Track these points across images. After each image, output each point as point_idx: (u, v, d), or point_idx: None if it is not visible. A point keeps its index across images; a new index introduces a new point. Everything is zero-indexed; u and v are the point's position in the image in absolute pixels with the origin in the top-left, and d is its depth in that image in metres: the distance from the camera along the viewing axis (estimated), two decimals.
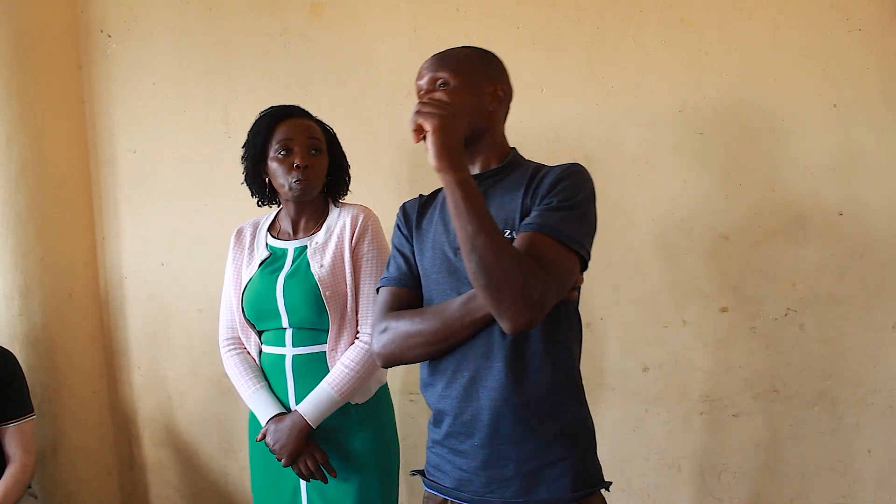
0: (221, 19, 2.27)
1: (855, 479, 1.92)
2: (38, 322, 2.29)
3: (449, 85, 1.28)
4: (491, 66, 1.34)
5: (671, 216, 1.96)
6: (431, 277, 1.30)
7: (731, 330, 1.95)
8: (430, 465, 1.35)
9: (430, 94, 1.29)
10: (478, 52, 1.34)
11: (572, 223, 1.20)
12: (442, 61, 1.31)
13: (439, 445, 1.32)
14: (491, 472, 1.25)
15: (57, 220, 2.34)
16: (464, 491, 1.28)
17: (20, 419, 1.97)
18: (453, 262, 1.27)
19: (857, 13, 1.80)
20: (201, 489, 2.47)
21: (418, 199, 1.42)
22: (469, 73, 1.29)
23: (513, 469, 1.24)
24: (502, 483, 1.24)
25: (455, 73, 1.28)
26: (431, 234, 1.33)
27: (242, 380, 1.70)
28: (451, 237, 1.28)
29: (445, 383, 1.28)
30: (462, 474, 1.28)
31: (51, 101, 2.32)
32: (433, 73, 1.30)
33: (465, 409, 1.26)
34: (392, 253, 1.41)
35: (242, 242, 1.78)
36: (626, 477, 2.07)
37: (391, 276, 1.37)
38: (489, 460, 1.25)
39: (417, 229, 1.37)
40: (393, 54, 2.13)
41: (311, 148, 1.67)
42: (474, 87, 1.29)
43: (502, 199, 1.28)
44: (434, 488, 1.33)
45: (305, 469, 1.61)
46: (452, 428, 1.28)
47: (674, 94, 1.93)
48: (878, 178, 1.84)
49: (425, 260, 1.32)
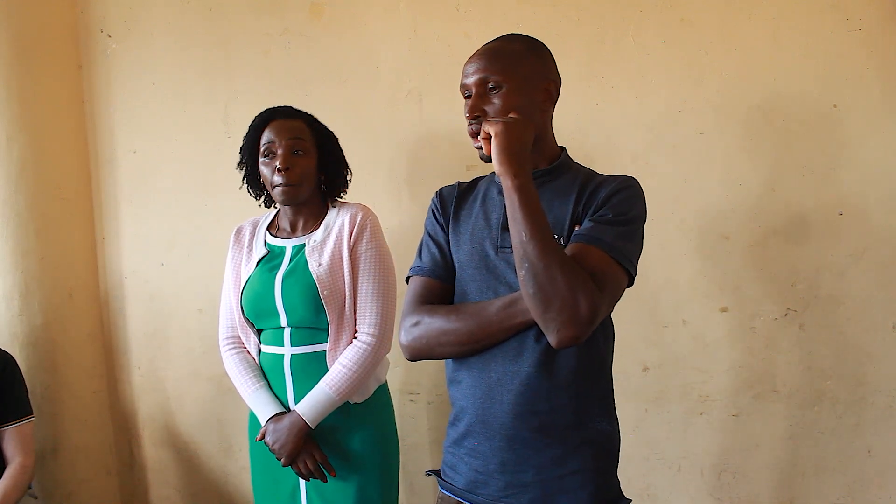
0: (221, 19, 2.27)
1: (855, 479, 1.92)
2: (38, 322, 2.29)
3: (501, 88, 1.20)
4: (542, 61, 1.25)
5: (671, 216, 1.96)
6: (468, 272, 1.26)
7: (731, 330, 1.95)
8: (447, 464, 1.33)
9: (483, 98, 1.21)
10: (528, 45, 1.25)
11: (625, 239, 1.18)
12: (492, 60, 1.22)
13: (457, 445, 1.29)
14: (509, 476, 1.22)
15: (57, 220, 2.34)
16: (477, 493, 1.25)
17: (19, 420, 1.97)
18: (493, 259, 1.23)
19: (857, 13, 1.80)
20: (201, 489, 2.47)
21: (456, 186, 1.36)
22: (522, 75, 1.21)
23: (531, 475, 1.21)
24: (519, 489, 1.22)
25: (507, 76, 1.20)
26: (471, 227, 1.29)
27: (242, 379, 1.70)
28: (495, 234, 1.24)
29: (471, 381, 1.24)
30: (477, 476, 1.25)
31: (51, 101, 2.32)
32: (483, 75, 1.21)
33: (488, 410, 1.22)
34: (425, 240, 1.35)
35: (241, 241, 1.78)
36: (626, 477, 2.05)
37: (424, 265, 1.32)
38: (507, 464, 1.22)
39: (455, 218, 1.32)
40: (393, 54, 2.13)
41: (293, 149, 1.66)
42: (528, 88, 1.21)
43: (551, 202, 1.24)
44: (448, 489, 1.31)
45: (305, 468, 1.61)
46: (472, 427, 1.25)
47: (674, 94, 1.93)
48: (878, 178, 1.84)
49: (462, 252, 1.28)
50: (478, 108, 1.21)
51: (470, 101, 1.23)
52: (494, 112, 1.21)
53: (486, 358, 1.22)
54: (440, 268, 1.30)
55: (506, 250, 1.22)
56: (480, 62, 1.22)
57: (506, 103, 1.20)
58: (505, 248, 1.22)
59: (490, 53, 1.23)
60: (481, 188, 1.34)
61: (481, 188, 1.34)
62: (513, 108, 1.19)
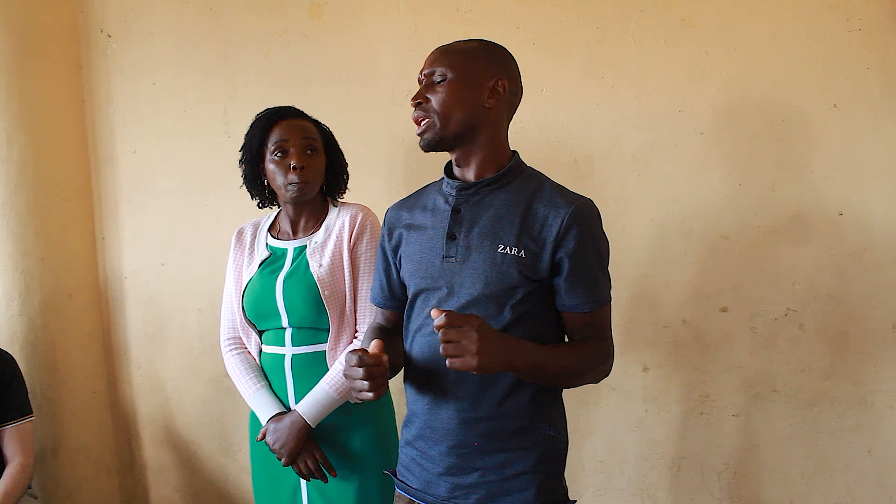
0: (221, 19, 2.27)
1: (855, 479, 1.92)
2: (38, 322, 2.28)
3: (446, 78, 1.24)
4: (495, 61, 1.28)
5: (671, 216, 1.96)
6: (415, 281, 1.31)
7: (731, 330, 1.95)
8: (402, 464, 1.37)
9: (429, 88, 1.26)
10: (484, 45, 1.29)
11: (607, 279, 1.30)
12: (443, 54, 1.27)
13: (409, 446, 1.34)
14: (455, 478, 1.26)
15: (57, 220, 2.34)
16: (429, 493, 1.30)
17: (19, 420, 1.96)
18: (437, 269, 1.27)
19: (857, 13, 1.80)
20: (201, 489, 2.47)
21: (402, 205, 1.40)
22: (468, 67, 1.24)
23: (476, 477, 1.25)
24: (465, 489, 1.26)
25: (453, 67, 1.24)
26: (422, 238, 1.31)
27: (243, 379, 1.70)
28: (440, 244, 1.28)
29: (421, 387, 1.30)
30: (429, 476, 1.29)
31: (51, 101, 2.32)
32: (431, 68, 1.26)
33: (436, 415, 1.27)
34: (376, 263, 1.46)
35: (243, 243, 1.78)
36: (627, 477, 2.07)
37: (375, 296, 1.47)
38: (453, 467, 1.26)
39: (407, 236, 1.35)
40: (393, 54, 2.13)
41: (307, 148, 1.67)
42: (472, 80, 1.24)
43: (499, 212, 1.25)
44: (403, 489, 1.35)
45: (305, 468, 1.61)
46: (422, 431, 1.30)
47: (674, 94, 1.93)
48: (878, 178, 1.84)
49: (412, 263, 1.32)
50: (421, 95, 1.26)
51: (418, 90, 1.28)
52: (435, 100, 1.24)
53: (436, 363, 1.25)
54: (387, 298, 1.43)
55: (450, 259, 1.26)
56: (433, 56, 1.28)
57: (448, 92, 1.23)
58: (449, 257, 1.26)
59: (444, 48, 1.29)
60: (430, 198, 1.36)
61: (430, 198, 1.36)
62: (454, 98, 1.23)
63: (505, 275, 1.21)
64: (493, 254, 1.22)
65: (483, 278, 1.22)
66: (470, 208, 1.27)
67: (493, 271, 1.22)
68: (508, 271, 1.21)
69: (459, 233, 1.26)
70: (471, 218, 1.26)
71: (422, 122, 1.25)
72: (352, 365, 1.17)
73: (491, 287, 1.21)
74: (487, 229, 1.24)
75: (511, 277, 1.21)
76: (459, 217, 1.27)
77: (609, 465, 2.09)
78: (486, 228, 1.24)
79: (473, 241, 1.24)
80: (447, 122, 1.23)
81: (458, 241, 1.25)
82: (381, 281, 1.44)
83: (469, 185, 1.27)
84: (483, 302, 1.22)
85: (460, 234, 1.26)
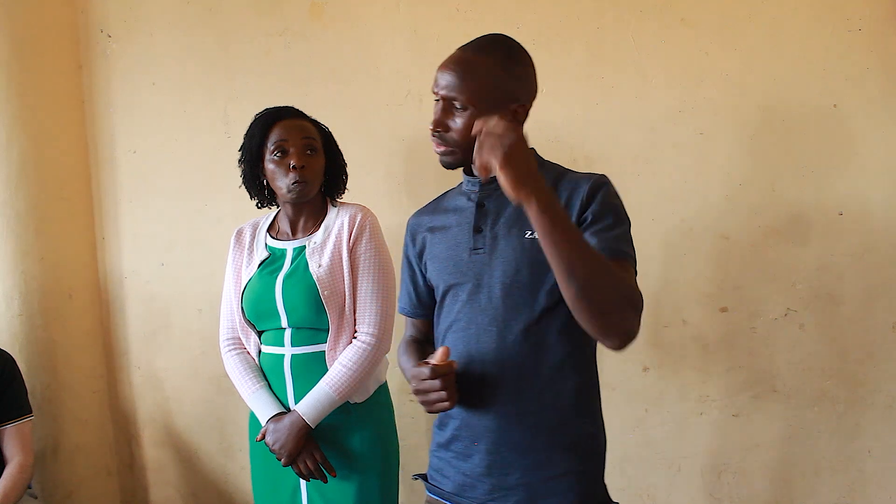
0: (221, 19, 2.27)
1: (855, 479, 1.92)
2: (38, 322, 2.28)
3: (467, 110, 1.21)
4: (514, 81, 1.24)
5: (671, 216, 1.96)
6: (443, 278, 1.31)
7: (731, 330, 1.95)
8: (433, 468, 1.34)
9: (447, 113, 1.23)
10: (502, 59, 1.24)
11: (629, 239, 1.24)
12: (463, 79, 1.21)
13: (443, 449, 1.31)
14: (495, 479, 1.23)
15: (57, 220, 2.33)
16: (465, 497, 1.27)
17: (18, 420, 1.96)
18: (465, 262, 1.27)
19: (857, 13, 1.80)
20: (201, 489, 2.47)
21: (424, 212, 1.42)
22: (488, 97, 1.21)
23: (517, 478, 1.22)
24: (506, 491, 1.23)
25: (472, 97, 1.20)
26: (448, 238, 1.31)
27: (243, 380, 1.70)
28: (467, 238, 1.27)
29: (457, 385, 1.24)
30: (465, 479, 1.26)
31: (51, 101, 2.32)
32: (450, 93, 1.22)
33: (473, 413, 1.24)
34: (402, 272, 1.46)
35: (242, 243, 1.78)
36: (627, 477, 2.07)
37: (404, 307, 1.46)
38: (493, 467, 1.23)
39: (431, 241, 1.35)
40: (393, 54, 2.13)
41: (306, 148, 1.67)
42: (492, 110, 1.19)
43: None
44: (436, 493, 1.32)
45: (305, 468, 1.61)
46: (458, 432, 1.27)
47: (674, 94, 1.93)
48: (878, 178, 1.84)
49: (438, 262, 1.32)
50: (441, 123, 1.24)
51: (436, 114, 1.25)
52: (456, 131, 1.23)
53: (470, 363, 1.24)
54: (416, 306, 1.43)
55: (478, 251, 1.25)
56: (451, 76, 1.22)
57: (468, 126, 1.20)
58: (477, 249, 1.26)
59: (462, 69, 1.22)
60: (451, 200, 1.37)
61: (451, 200, 1.37)
62: (471, 131, 1.17)
63: (535, 260, 1.19)
64: (522, 241, 1.22)
65: (514, 265, 1.21)
66: (494, 201, 1.27)
67: (524, 258, 1.21)
68: (539, 256, 1.16)
69: (485, 225, 1.26)
70: (496, 210, 1.26)
71: (441, 148, 1.25)
72: (424, 378, 1.15)
73: (522, 273, 1.21)
74: (513, 218, 1.24)
75: (542, 262, 1.16)
76: (484, 210, 1.27)
77: (609, 465, 2.08)
78: (511, 218, 1.24)
79: (500, 231, 1.24)
80: (468, 151, 1.20)
81: (485, 233, 1.25)
82: (408, 290, 1.44)
83: (492, 180, 1.24)
84: (515, 292, 1.21)
85: (486, 226, 1.26)
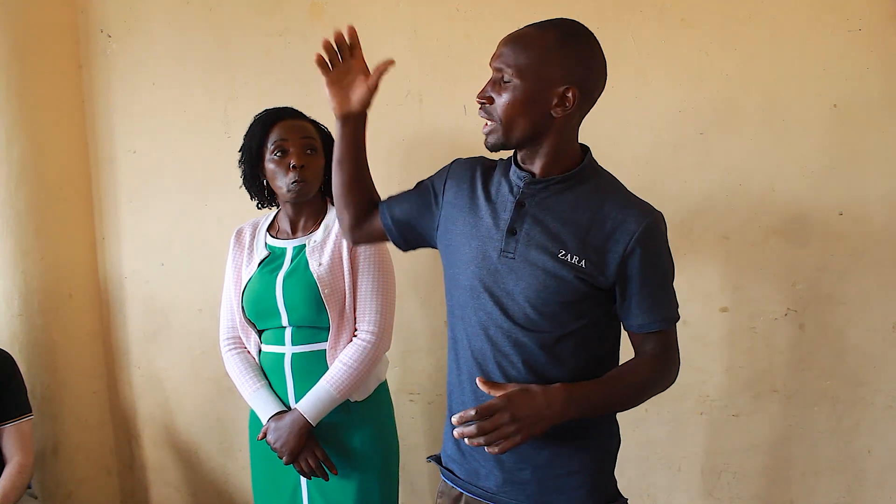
0: (221, 19, 2.27)
1: (855, 479, 1.92)
2: (38, 322, 2.28)
3: (512, 83, 1.16)
4: (570, 62, 1.16)
5: (671, 216, 1.94)
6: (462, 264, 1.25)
7: (731, 330, 1.95)
8: (447, 454, 1.34)
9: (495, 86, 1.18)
10: (562, 39, 1.17)
11: (672, 295, 1.27)
12: (517, 52, 1.16)
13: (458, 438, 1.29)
14: (507, 473, 1.24)
15: (57, 220, 2.33)
16: (477, 486, 1.27)
17: (18, 419, 1.97)
18: (494, 262, 1.22)
19: (857, 13, 1.80)
20: (201, 489, 2.47)
21: (479, 167, 1.31)
22: (537, 74, 1.15)
23: (529, 473, 1.23)
24: (517, 485, 1.24)
25: (521, 72, 1.15)
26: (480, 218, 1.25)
27: (243, 379, 1.70)
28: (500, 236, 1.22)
29: (472, 389, 1.24)
30: (479, 467, 1.26)
31: (51, 101, 2.32)
32: (502, 64, 1.17)
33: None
34: (416, 187, 1.40)
35: (242, 242, 1.78)
36: (627, 477, 2.06)
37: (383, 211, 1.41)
38: (506, 461, 1.23)
39: (471, 199, 1.28)
40: (393, 54, 2.12)
41: (306, 148, 1.67)
42: (539, 88, 1.15)
43: (565, 214, 1.20)
44: (449, 478, 1.32)
45: (306, 466, 1.62)
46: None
47: (674, 94, 1.93)
48: (878, 178, 1.84)
49: (462, 239, 1.26)
50: (485, 94, 1.20)
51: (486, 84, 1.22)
52: (499, 104, 1.18)
53: (481, 364, 1.24)
54: (389, 222, 1.39)
55: (508, 255, 1.21)
56: (506, 48, 1.18)
57: (512, 100, 1.16)
58: (508, 252, 1.21)
59: (519, 40, 1.18)
60: (496, 178, 1.29)
61: (496, 178, 1.29)
62: (517, 109, 1.16)
63: (563, 281, 1.16)
64: (556, 258, 1.17)
65: (542, 282, 1.17)
66: (535, 205, 1.21)
67: (551, 278, 1.17)
68: (567, 278, 1.16)
69: (521, 228, 1.20)
70: (534, 216, 1.20)
71: (486, 123, 1.22)
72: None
73: (549, 291, 1.17)
74: (550, 232, 1.19)
75: (569, 285, 1.16)
76: (523, 212, 1.21)
77: None
78: (548, 231, 1.19)
79: (534, 240, 1.19)
80: (510, 131, 1.18)
81: (519, 238, 1.20)
82: (400, 206, 1.39)
83: (539, 181, 1.21)
84: (539, 305, 1.18)
85: (521, 231, 1.20)
